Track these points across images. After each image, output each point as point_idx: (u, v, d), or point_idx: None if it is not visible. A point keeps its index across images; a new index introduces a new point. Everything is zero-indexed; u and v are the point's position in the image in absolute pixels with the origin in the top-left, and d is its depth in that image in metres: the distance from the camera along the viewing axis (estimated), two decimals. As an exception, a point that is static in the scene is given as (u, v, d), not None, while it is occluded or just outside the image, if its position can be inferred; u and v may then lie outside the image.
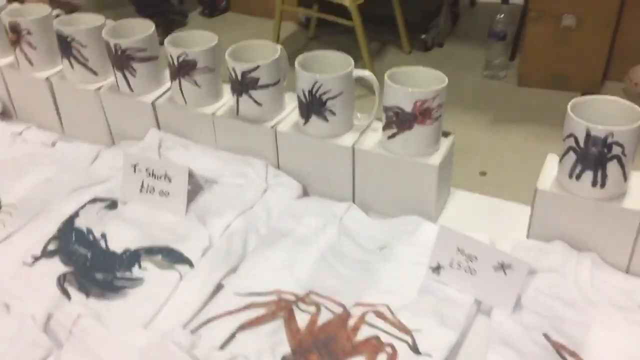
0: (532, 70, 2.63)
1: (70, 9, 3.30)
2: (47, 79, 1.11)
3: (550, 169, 0.84)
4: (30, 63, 1.11)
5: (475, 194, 0.98)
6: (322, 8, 2.79)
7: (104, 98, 1.08)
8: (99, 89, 1.08)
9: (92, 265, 0.86)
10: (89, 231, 0.92)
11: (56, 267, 0.86)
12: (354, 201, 0.96)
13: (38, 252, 0.88)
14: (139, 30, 1.04)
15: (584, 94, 2.56)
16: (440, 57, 2.97)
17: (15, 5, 1.17)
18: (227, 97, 1.04)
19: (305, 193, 0.99)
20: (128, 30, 1.04)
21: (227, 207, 0.94)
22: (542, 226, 0.84)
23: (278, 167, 1.00)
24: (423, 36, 2.95)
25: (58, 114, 1.15)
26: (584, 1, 2.43)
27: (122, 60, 1.02)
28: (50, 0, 3.40)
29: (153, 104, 1.04)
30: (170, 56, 0.98)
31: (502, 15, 2.63)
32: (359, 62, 2.65)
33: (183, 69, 0.98)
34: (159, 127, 1.06)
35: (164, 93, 1.06)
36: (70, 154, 1.08)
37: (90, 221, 0.93)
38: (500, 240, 0.84)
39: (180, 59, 0.97)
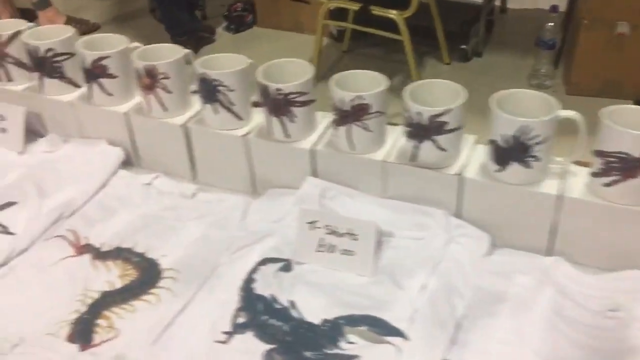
0: (583, 79, 2.58)
1: (89, 29, 3.20)
2: (184, 124, 1.02)
3: None
4: (164, 108, 1.02)
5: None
6: (357, 20, 2.68)
7: (253, 144, 0.99)
8: (246, 134, 0.99)
9: (296, 340, 0.78)
10: (274, 299, 0.83)
11: (253, 343, 0.78)
12: (550, 252, 0.88)
13: (227, 327, 0.80)
14: (291, 71, 0.95)
15: (636, 100, 2.55)
16: (480, 67, 2.91)
17: (136, 44, 1.07)
18: (391, 140, 0.96)
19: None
20: (280, 72, 0.96)
21: (415, 264, 0.86)
22: None
23: (458, 216, 0.92)
24: (463, 46, 2.88)
25: (191, 161, 1.05)
26: (638, 8, 2.38)
27: (281, 105, 0.93)
28: (67, 18, 3.31)
29: (312, 150, 0.96)
30: (341, 100, 0.90)
31: (551, 24, 2.58)
32: (400, 75, 2.57)
33: (356, 113, 0.90)
34: (315, 174, 0.98)
35: (319, 138, 0.97)
36: (217, 207, 0.99)
37: (270, 287, 0.85)
38: None
39: (354, 103, 0.89)
